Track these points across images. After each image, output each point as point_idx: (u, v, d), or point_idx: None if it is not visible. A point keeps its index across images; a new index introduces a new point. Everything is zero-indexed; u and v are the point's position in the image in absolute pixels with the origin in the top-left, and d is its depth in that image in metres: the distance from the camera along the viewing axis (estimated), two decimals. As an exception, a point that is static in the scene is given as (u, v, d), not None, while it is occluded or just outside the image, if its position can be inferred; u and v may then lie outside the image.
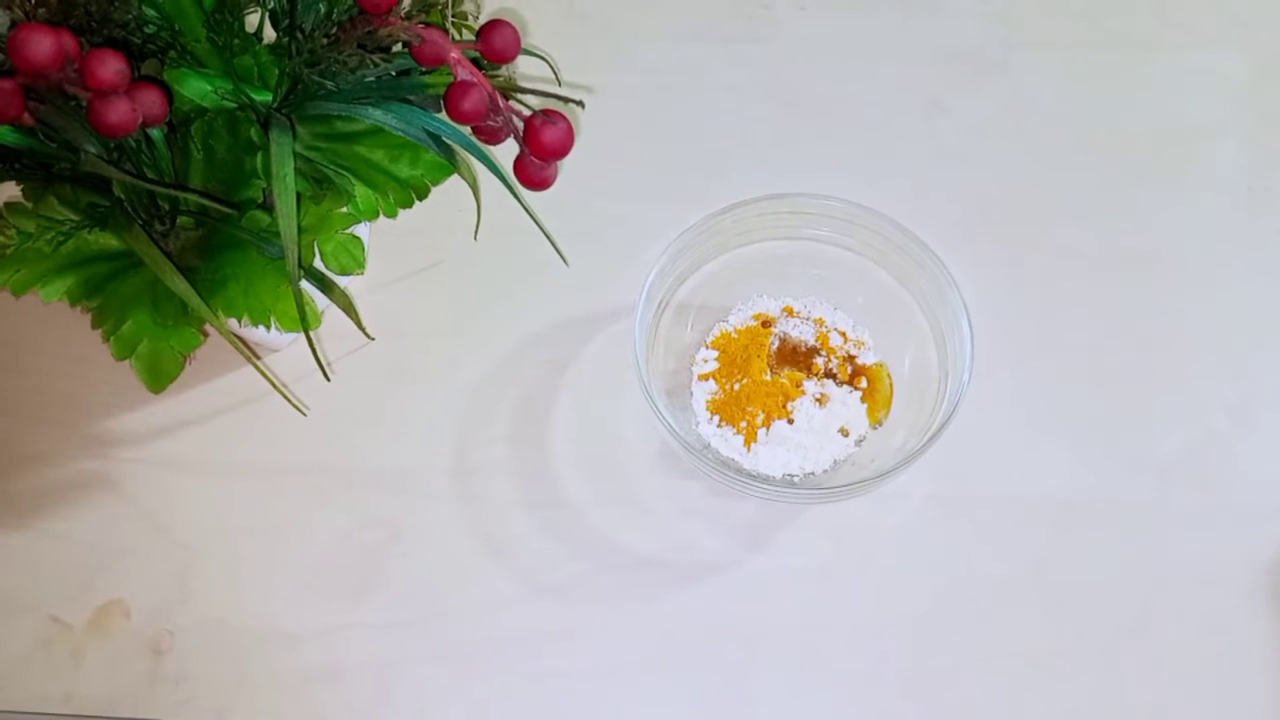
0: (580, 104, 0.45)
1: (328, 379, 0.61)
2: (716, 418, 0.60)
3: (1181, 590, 0.58)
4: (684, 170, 0.68)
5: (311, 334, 0.49)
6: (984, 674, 0.56)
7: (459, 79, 0.39)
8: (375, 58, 0.43)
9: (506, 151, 0.46)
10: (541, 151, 0.39)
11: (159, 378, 0.52)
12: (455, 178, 0.54)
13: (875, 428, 0.60)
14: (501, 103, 0.39)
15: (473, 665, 0.57)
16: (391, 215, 0.54)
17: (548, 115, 0.39)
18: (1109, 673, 0.57)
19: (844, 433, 0.60)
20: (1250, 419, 0.61)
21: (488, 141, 0.42)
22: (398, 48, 0.46)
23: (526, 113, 0.40)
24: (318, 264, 0.54)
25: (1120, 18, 0.73)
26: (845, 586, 0.58)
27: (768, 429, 0.59)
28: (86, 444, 0.61)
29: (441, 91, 0.40)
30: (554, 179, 0.41)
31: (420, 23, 0.39)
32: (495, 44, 0.41)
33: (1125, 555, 0.59)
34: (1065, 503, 0.60)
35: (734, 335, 0.62)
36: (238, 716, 0.56)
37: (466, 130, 0.43)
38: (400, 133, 0.50)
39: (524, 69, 0.62)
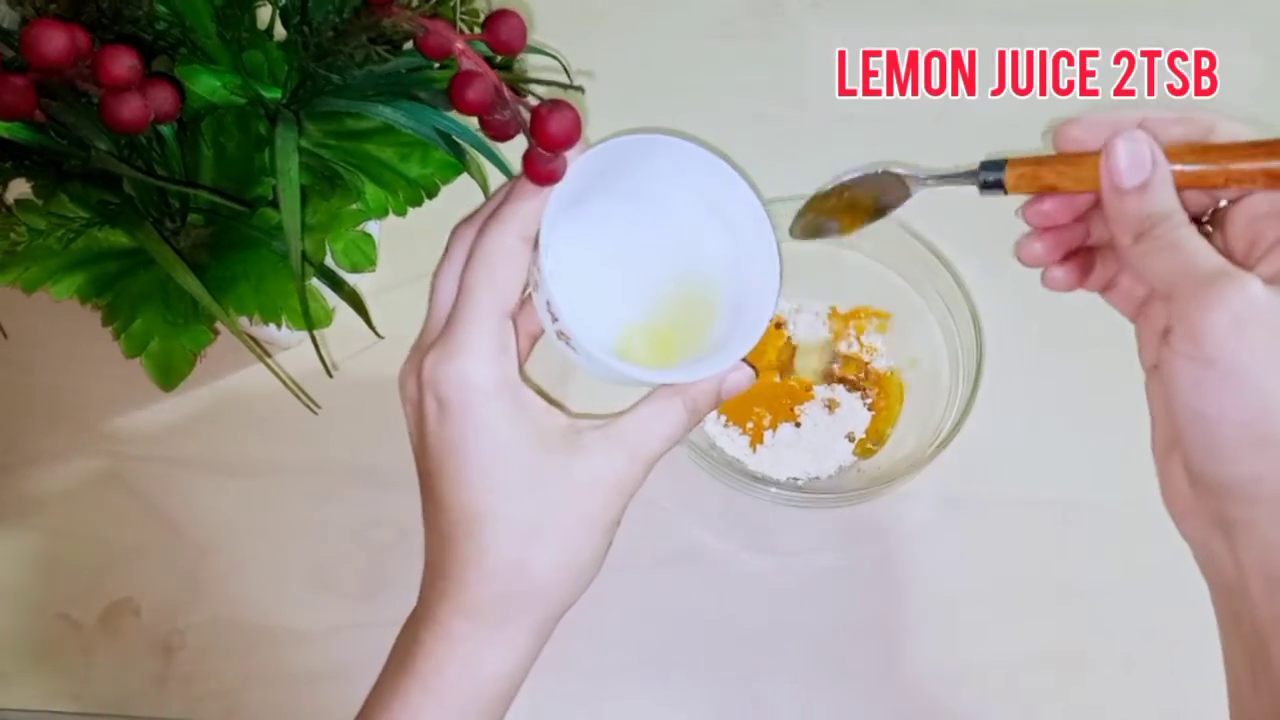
0: (580, 89, 0.45)
1: (330, 375, 0.61)
2: (724, 417, 0.59)
3: (1195, 592, 0.57)
4: (694, 170, 0.67)
5: (321, 333, 0.49)
6: (995, 676, 0.56)
7: (464, 69, 0.39)
8: (381, 50, 0.43)
9: (515, 151, 0.46)
10: (549, 142, 0.39)
11: (170, 376, 0.52)
12: (465, 177, 0.54)
13: (864, 458, 0.60)
14: (508, 94, 0.39)
15: (481, 665, 0.56)
16: (401, 214, 0.54)
17: (554, 104, 0.39)
18: (1123, 675, 0.56)
19: (850, 439, 0.60)
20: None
21: (497, 138, 0.42)
22: (408, 45, 0.46)
23: (534, 103, 0.40)
24: (329, 262, 0.54)
25: (1132, 17, 0.72)
26: (854, 588, 0.58)
27: (774, 431, 0.59)
28: (96, 442, 0.61)
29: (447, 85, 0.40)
30: (563, 172, 0.41)
31: (426, 14, 0.39)
32: (501, 34, 0.41)
33: (1138, 557, 0.58)
34: (1076, 505, 0.59)
35: (744, 335, 0.61)
36: (247, 715, 0.56)
37: (475, 127, 0.43)
38: (410, 131, 0.49)
39: (532, 71, 0.62)
